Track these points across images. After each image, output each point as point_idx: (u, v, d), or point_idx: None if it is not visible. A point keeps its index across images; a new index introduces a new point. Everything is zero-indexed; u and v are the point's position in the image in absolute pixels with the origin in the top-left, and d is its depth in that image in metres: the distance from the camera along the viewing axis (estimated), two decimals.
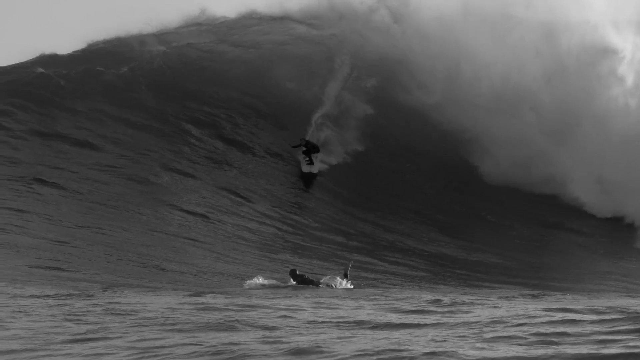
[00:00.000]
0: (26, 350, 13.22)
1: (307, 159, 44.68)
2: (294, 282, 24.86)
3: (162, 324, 14.04)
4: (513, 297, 20.92)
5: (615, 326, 14.13)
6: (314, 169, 44.72)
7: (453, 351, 11.76)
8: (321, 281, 25.34)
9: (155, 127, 46.36)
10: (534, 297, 22.28)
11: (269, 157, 45.96)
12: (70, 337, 13.69)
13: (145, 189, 39.42)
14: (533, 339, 12.98)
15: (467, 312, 14.70)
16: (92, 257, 28.31)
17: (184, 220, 36.40)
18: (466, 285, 29.56)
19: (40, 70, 49.85)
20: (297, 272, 25.42)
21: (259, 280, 24.73)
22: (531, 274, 35.91)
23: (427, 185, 46.11)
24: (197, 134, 46.62)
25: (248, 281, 24.68)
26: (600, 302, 19.55)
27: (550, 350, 12.14)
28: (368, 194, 44.50)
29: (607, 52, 47.75)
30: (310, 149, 44.84)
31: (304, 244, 36.85)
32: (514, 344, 12.30)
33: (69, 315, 15.67)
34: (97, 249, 29.58)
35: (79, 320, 15.17)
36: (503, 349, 12.04)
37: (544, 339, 12.87)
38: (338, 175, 45.62)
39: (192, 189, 40.81)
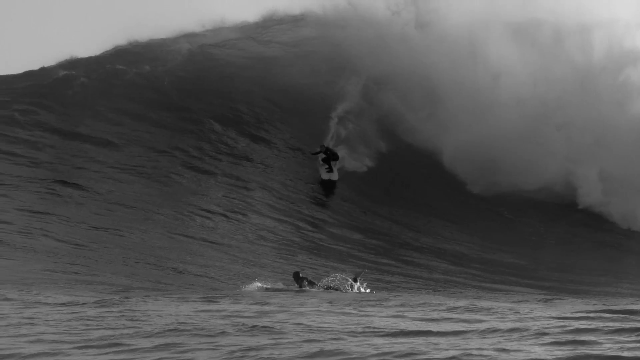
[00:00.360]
0: (40, 354, 13.05)
1: (327, 166, 43.83)
2: (297, 285, 24.55)
3: (180, 330, 13.83)
4: (529, 301, 20.56)
5: (635, 333, 13.85)
6: (334, 176, 43.84)
7: None
8: (323, 282, 24.98)
9: (178, 125, 46.22)
10: (549, 301, 21.90)
11: (291, 154, 45.55)
12: (84, 344, 13.49)
13: (166, 189, 39.25)
14: (553, 348, 12.71)
15: (482, 321, 14.38)
16: (110, 260, 28.03)
17: (203, 221, 36.17)
18: (482, 288, 29.17)
19: (63, 72, 49.90)
20: (300, 275, 25.08)
21: (258, 284, 24.35)
22: (547, 275, 35.54)
23: (444, 181, 45.63)
24: (219, 131, 46.46)
25: (246, 287, 24.21)
26: (619, 307, 19.20)
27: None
28: (387, 191, 44.16)
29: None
30: (330, 156, 43.97)
31: (322, 243, 36.59)
32: (533, 356, 12.02)
33: (84, 320, 15.45)
34: (115, 251, 29.29)
35: (95, 325, 14.97)
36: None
37: (564, 349, 12.60)
38: (358, 172, 45.31)
39: (212, 188, 40.62)
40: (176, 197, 38.40)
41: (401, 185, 44.91)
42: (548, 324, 15.72)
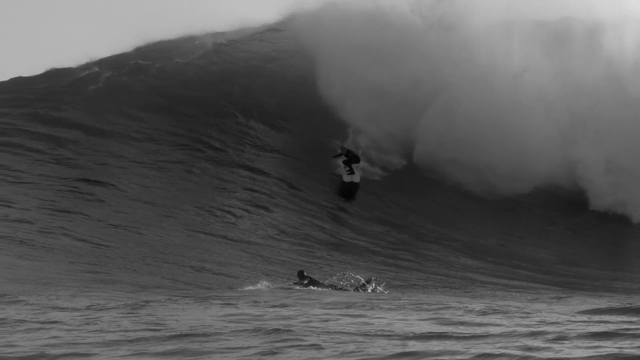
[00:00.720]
0: (56, 356, 12.89)
1: (348, 168, 42.50)
2: (303, 283, 24.21)
3: (194, 335, 13.62)
4: (546, 300, 20.23)
5: None
6: (355, 178, 42.46)
7: None
8: (327, 281, 24.69)
9: (200, 120, 45.99)
10: (567, 299, 21.55)
11: (315, 150, 44.88)
12: (102, 348, 13.30)
13: (188, 184, 39.02)
14: (572, 351, 12.45)
15: (500, 325, 14.08)
16: (129, 259, 27.85)
17: (224, 216, 35.96)
18: (500, 287, 28.79)
19: (85, 71, 49.85)
20: (305, 274, 24.77)
21: (263, 284, 24.09)
22: (565, 269, 35.25)
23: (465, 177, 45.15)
24: (242, 123, 46.17)
25: (250, 287, 23.91)
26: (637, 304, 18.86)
27: None
28: (411, 186, 43.75)
29: None
30: (352, 159, 42.60)
31: (342, 238, 36.35)
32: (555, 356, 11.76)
33: (100, 323, 15.27)
34: (134, 250, 29.11)
35: (111, 328, 14.78)
36: None
37: (586, 350, 12.35)
38: (380, 171, 44.83)
39: (234, 183, 40.40)
40: (197, 193, 38.21)
41: (423, 177, 44.32)
42: (568, 327, 15.44)
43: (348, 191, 42.04)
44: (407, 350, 12.64)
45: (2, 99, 46.55)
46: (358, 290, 23.98)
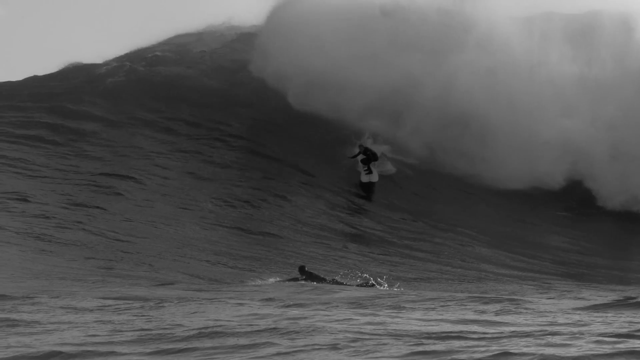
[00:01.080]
0: (72, 355, 12.68)
1: (366, 168, 41.11)
2: (302, 278, 23.94)
3: (206, 335, 13.39)
4: (561, 293, 19.91)
5: None
6: (373, 177, 41.15)
7: None
8: (328, 279, 24.32)
9: (223, 110, 45.70)
10: (582, 291, 21.20)
11: (334, 140, 44.29)
12: (117, 347, 13.10)
13: (207, 176, 38.89)
14: (592, 347, 12.18)
15: (517, 322, 13.78)
16: (145, 254, 27.69)
17: (243, 206, 35.84)
18: (515, 279, 28.44)
19: (105, 67, 49.72)
20: (306, 269, 24.47)
21: (266, 279, 23.87)
22: (580, 259, 34.94)
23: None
24: (263, 114, 45.85)
25: (253, 282, 23.65)
26: None
27: None
28: (425, 178, 43.31)
29: None
30: (370, 157, 41.16)
31: (361, 229, 36.15)
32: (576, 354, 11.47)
33: (115, 322, 15.07)
34: (151, 245, 28.96)
35: (125, 328, 14.57)
36: None
37: (603, 349, 12.07)
38: (404, 160, 44.27)
39: (252, 172, 40.18)
40: (216, 184, 38.04)
41: (436, 175, 43.87)
42: (584, 318, 15.18)
43: (366, 192, 40.78)
44: (424, 349, 12.38)
45: (20, 94, 46.47)
46: (362, 286, 23.57)
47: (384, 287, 23.33)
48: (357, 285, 23.54)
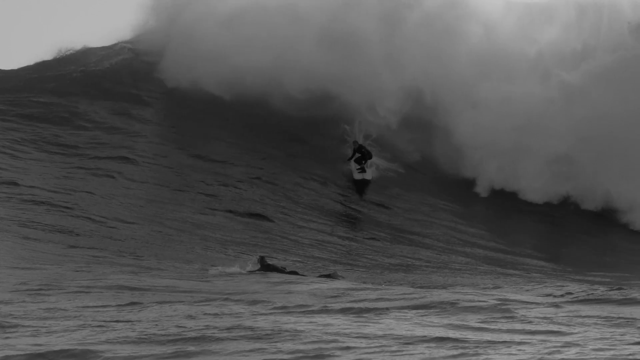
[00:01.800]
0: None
1: (359, 167, 39.37)
2: (259, 268, 23.08)
3: (184, 338, 12.83)
4: (553, 294, 19.33)
5: None
6: (367, 175, 39.45)
7: None
8: (287, 270, 23.51)
9: (226, 101, 44.84)
10: (572, 291, 20.57)
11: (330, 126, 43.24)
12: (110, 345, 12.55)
13: (216, 167, 38.21)
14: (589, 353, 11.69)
15: (512, 330, 13.20)
16: (134, 239, 27.31)
17: (234, 190, 35.36)
18: (509, 279, 27.72)
19: (107, 56, 48.73)
20: (265, 260, 23.59)
21: (220, 269, 23.03)
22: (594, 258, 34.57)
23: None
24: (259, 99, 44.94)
25: (212, 270, 22.93)
26: None
27: None
28: (423, 177, 42.31)
29: None
30: (365, 155, 39.31)
31: (360, 211, 35.73)
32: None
33: (118, 315, 14.63)
34: (140, 231, 28.51)
35: (108, 328, 14.04)
36: None
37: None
38: (396, 159, 43.16)
39: (254, 156, 39.59)
40: (210, 166, 37.53)
41: (434, 174, 42.62)
42: (578, 317, 14.69)
43: (360, 189, 39.16)
44: (412, 353, 11.87)
45: (15, 78, 45.55)
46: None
47: (341, 278, 22.58)
48: (319, 276, 22.82)
